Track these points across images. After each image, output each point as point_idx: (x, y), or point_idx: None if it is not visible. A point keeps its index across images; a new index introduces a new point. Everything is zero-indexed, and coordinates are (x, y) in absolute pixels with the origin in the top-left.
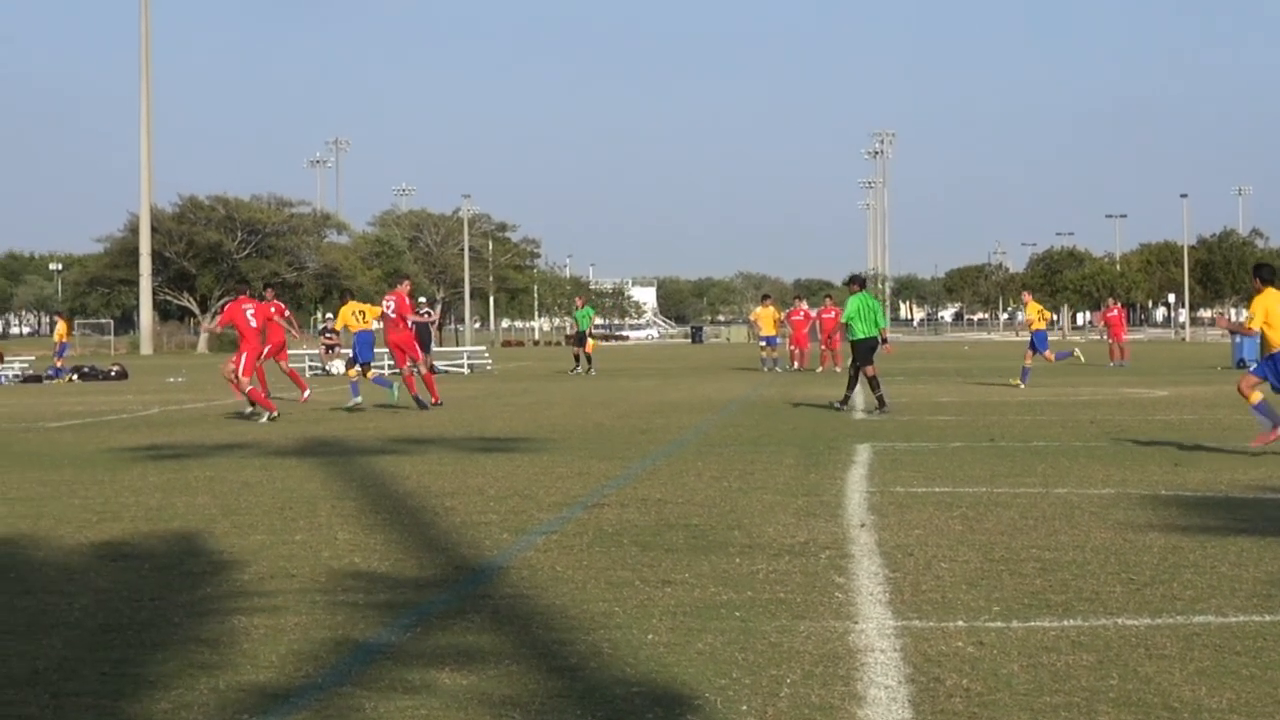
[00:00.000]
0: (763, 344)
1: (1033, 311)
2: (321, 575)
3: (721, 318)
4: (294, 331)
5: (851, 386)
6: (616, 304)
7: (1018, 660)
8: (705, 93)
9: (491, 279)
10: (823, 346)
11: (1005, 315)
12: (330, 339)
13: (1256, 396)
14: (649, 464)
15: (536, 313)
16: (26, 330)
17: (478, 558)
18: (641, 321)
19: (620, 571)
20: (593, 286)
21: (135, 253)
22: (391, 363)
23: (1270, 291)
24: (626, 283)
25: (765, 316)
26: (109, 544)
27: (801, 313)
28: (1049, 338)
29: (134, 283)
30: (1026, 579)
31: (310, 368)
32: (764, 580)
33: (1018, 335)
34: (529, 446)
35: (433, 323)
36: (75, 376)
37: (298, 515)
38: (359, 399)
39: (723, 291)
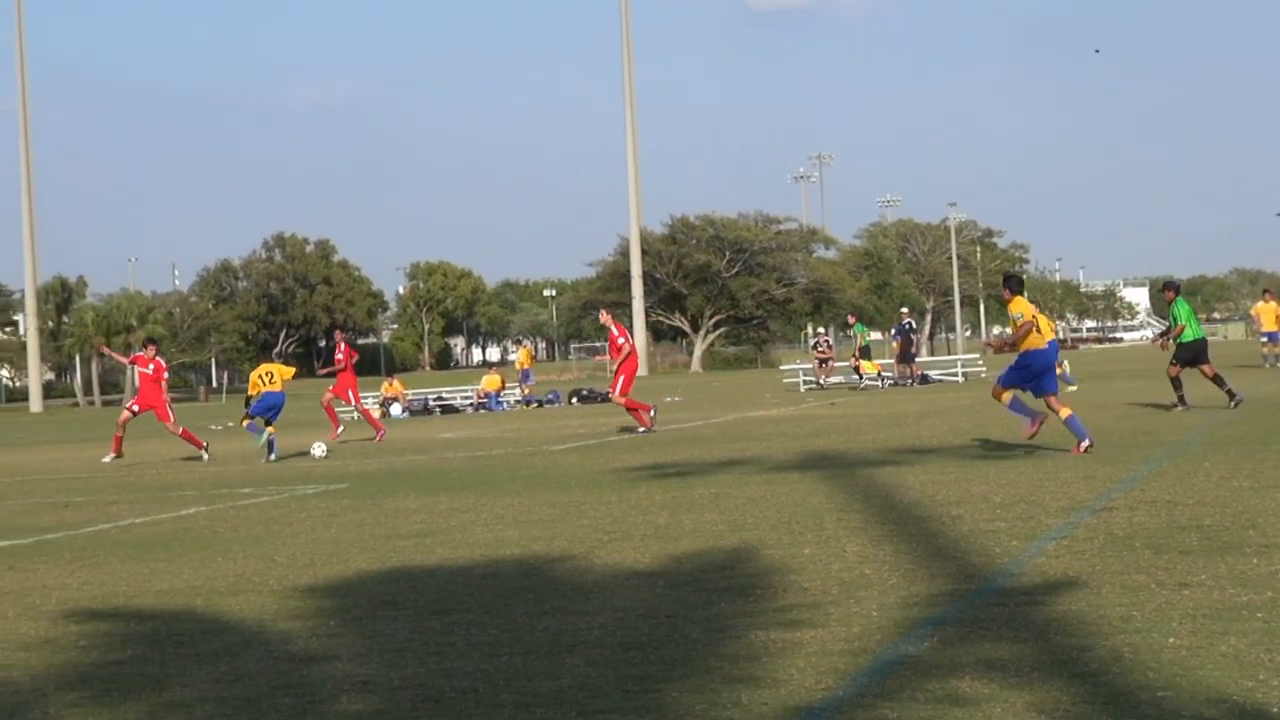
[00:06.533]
0: (1264, 340)
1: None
2: (833, 588)
3: (1217, 315)
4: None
5: (1180, 387)
6: (1108, 306)
7: None
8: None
9: (980, 285)
10: None
11: None
12: (822, 352)
13: (1007, 397)
14: (1154, 466)
15: None
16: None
17: (988, 566)
18: (1134, 323)
19: (1134, 575)
20: (1083, 289)
21: (626, 275)
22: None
23: (1022, 299)
24: (1118, 284)
25: (1266, 312)
26: (622, 563)
27: None
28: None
29: (626, 305)
30: None
31: (805, 382)
32: None
33: None
34: (1030, 452)
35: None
36: (538, 404)
37: (804, 529)
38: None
39: (1217, 289)
